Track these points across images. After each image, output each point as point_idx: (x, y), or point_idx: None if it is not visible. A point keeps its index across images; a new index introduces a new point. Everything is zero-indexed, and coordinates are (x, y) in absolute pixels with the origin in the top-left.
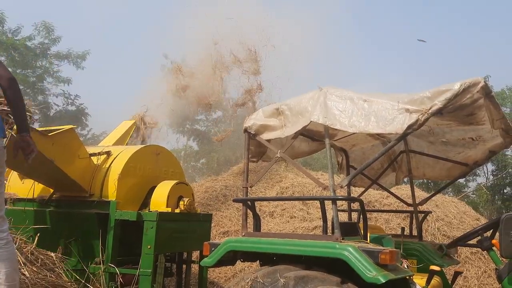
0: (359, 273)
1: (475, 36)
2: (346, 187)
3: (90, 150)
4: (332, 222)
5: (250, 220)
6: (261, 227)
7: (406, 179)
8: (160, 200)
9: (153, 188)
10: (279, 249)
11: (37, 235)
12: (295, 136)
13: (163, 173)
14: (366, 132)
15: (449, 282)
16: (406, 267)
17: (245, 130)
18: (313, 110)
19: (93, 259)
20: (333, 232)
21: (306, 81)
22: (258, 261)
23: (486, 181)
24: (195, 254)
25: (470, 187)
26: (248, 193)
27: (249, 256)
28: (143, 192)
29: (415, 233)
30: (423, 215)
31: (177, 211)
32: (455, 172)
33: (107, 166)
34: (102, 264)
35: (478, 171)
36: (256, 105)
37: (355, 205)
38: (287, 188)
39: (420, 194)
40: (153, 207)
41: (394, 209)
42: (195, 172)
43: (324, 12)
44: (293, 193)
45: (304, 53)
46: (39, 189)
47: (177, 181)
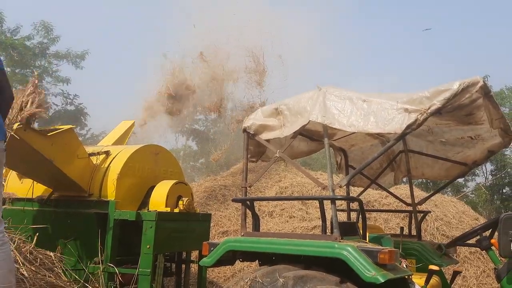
0: (358, 272)
1: (474, 36)
2: (345, 186)
3: (89, 150)
4: (331, 222)
5: (249, 220)
6: (260, 227)
7: (405, 179)
8: (159, 199)
9: (152, 187)
10: (278, 248)
11: (36, 235)
12: (294, 136)
13: (162, 173)
14: (365, 132)
15: (448, 282)
16: (405, 266)
17: (244, 130)
18: (312, 109)
19: (92, 258)
20: (332, 232)
21: (306, 81)
22: (257, 261)
23: (485, 181)
24: (194, 254)
25: (469, 187)
26: (247, 193)
27: (248, 256)
28: (142, 191)
29: (414, 232)
30: (422, 214)
31: (176, 210)
32: (454, 171)
33: (106, 166)
34: (101, 264)
35: (477, 171)
36: None
37: (354, 205)
38: (286, 188)
39: (419, 194)
40: (152, 206)
41: (393, 209)
42: (194, 172)
43: (324, 12)
44: (292, 193)
45: (303, 54)
46: (38, 188)
47: (176, 180)
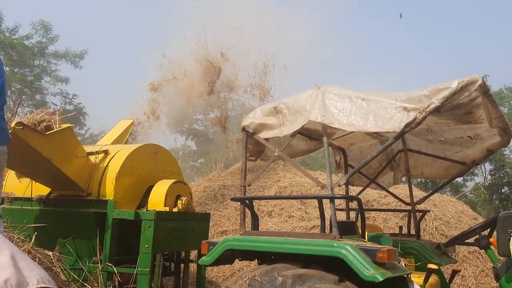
0: (357, 271)
1: (474, 36)
2: (344, 186)
3: (88, 149)
4: (330, 221)
5: (248, 219)
6: (259, 227)
7: (404, 179)
8: (158, 199)
9: (151, 187)
10: (277, 247)
11: (35, 234)
12: (293, 134)
13: (161, 172)
14: (365, 131)
15: (447, 281)
16: (404, 265)
17: (243, 129)
18: (311, 108)
19: (90, 258)
20: (331, 231)
21: (306, 81)
22: (256, 260)
23: (484, 180)
24: (193, 254)
25: (468, 186)
26: (246, 192)
27: (247, 255)
28: (141, 191)
29: (413, 232)
30: (421, 214)
31: (175, 210)
32: (453, 171)
33: (105, 165)
34: (99, 263)
35: (476, 170)
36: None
37: (353, 204)
38: (285, 188)
39: (418, 193)
40: (151, 206)
41: (392, 208)
42: (193, 172)
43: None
44: (291, 193)
45: (303, 54)
46: (37, 188)
47: (175, 180)
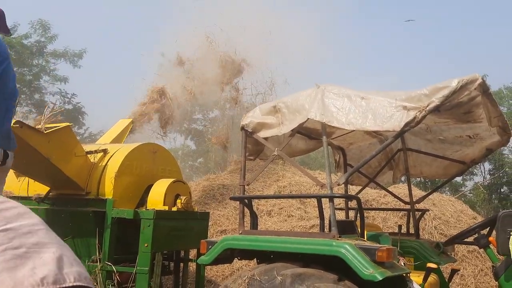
0: (356, 270)
1: (474, 36)
2: (344, 185)
3: (87, 148)
4: (329, 220)
5: (248, 218)
6: (259, 226)
7: (403, 178)
8: (157, 198)
9: (150, 186)
10: (276, 247)
11: None
12: (292, 134)
13: (160, 172)
14: (364, 130)
15: (446, 280)
16: (403, 264)
17: (242, 128)
18: (311, 107)
19: (89, 257)
20: (330, 230)
21: (306, 81)
22: (256, 259)
23: (483, 180)
24: (193, 253)
25: (467, 186)
26: (245, 192)
27: (246, 254)
28: (140, 190)
29: (412, 231)
30: (420, 213)
31: (174, 209)
32: (452, 170)
33: (104, 164)
34: (99, 262)
35: (475, 170)
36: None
37: (353, 204)
38: (284, 187)
39: (417, 192)
40: (150, 205)
41: (391, 207)
42: (192, 171)
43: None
44: (291, 192)
45: (303, 54)
46: (36, 187)
47: (174, 179)
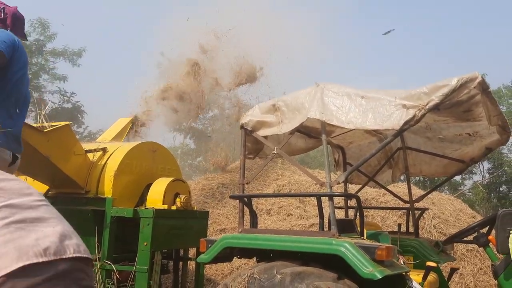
0: (355, 269)
1: (473, 35)
2: (343, 184)
3: (86, 146)
4: (329, 219)
5: (247, 217)
6: (258, 225)
7: (402, 177)
8: (156, 197)
9: (150, 185)
10: (276, 245)
11: None
12: (292, 132)
13: (159, 170)
14: (363, 129)
15: (445, 279)
16: (402, 263)
17: (242, 127)
18: (310, 106)
19: None
20: (329, 229)
21: (306, 81)
22: (255, 258)
23: (482, 179)
24: (192, 252)
25: (466, 185)
26: (245, 190)
27: (245, 252)
28: (140, 189)
29: (411, 230)
30: (419, 212)
31: (174, 208)
32: (451, 168)
33: (103, 162)
34: (98, 261)
35: (474, 169)
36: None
37: (352, 202)
38: (284, 186)
39: (417, 191)
40: (150, 204)
41: (391, 206)
42: (191, 170)
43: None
44: (290, 191)
45: (303, 54)
46: (35, 185)
47: (173, 178)
